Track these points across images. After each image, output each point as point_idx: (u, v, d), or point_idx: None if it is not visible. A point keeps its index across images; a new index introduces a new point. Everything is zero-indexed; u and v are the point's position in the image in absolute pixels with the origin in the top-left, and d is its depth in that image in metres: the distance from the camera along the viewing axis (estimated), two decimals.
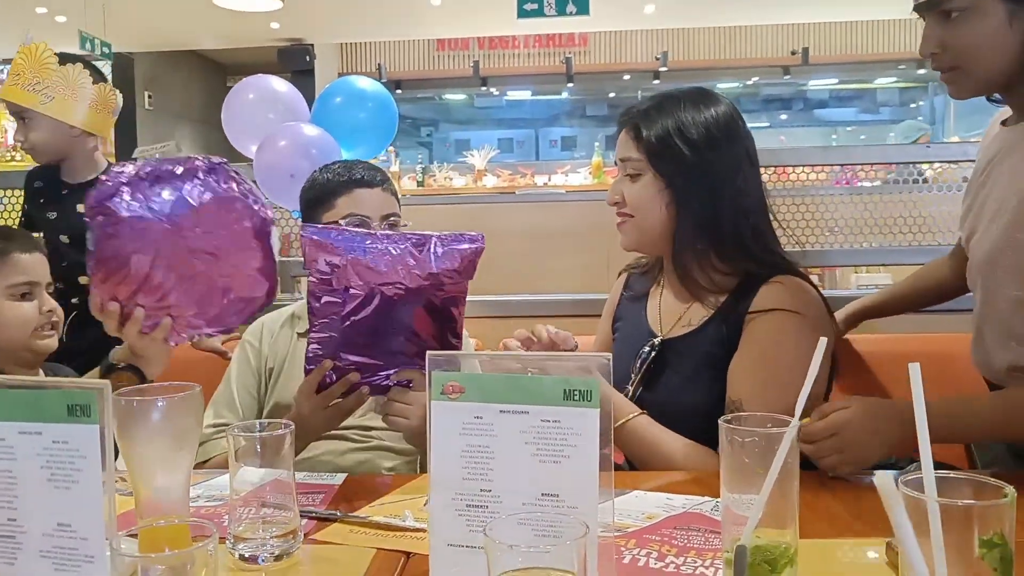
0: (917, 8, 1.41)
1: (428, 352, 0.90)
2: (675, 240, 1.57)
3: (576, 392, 0.86)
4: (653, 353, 1.60)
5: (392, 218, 1.77)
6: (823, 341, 0.96)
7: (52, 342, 1.79)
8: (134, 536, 0.86)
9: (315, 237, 1.35)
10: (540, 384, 0.87)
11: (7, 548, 0.80)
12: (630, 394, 1.59)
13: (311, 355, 1.41)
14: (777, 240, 1.61)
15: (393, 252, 1.34)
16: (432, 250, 1.35)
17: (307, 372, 1.43)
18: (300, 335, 1.82)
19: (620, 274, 1.87)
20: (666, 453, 1.46)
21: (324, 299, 1.36)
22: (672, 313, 1.64)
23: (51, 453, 0.78)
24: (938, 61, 1.40)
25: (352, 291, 1.35)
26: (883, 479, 0.60)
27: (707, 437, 1.45)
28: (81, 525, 0.77)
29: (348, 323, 1.37)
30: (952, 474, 0.76)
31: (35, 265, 1.78)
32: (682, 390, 1.56)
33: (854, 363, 2.02)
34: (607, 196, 1.63)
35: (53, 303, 1.81)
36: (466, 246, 1.36)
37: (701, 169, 1.53)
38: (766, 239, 1.58)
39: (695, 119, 1.54)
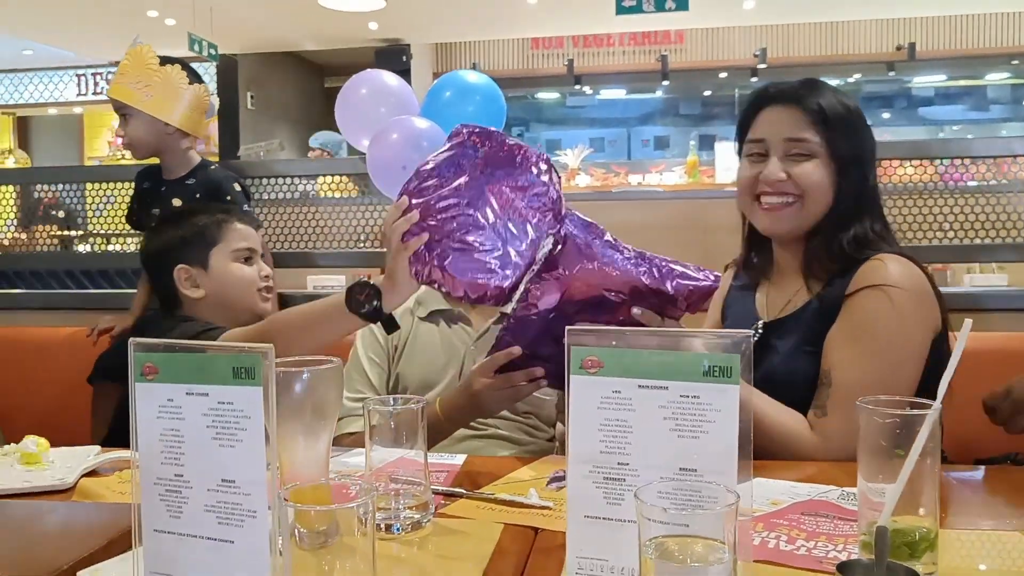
0: None
1: (567, 327, 0.91)
2: (826, 227, 1.57)
3: (716, 368, 0.86)
4: (757, 335, 1.61)
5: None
6: (967, 323, 0.94)
7: (269, 306, 1.95)
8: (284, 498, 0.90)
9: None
10: (680, 359, 0.88)
11: (174, 502, 0.84)
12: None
13: (502, 337, 1.45)
14: (890, 231, 1.63)
15: (631, 267, 1.37)
16: (670, 272, 1.36)
17: (493, 351, 1.47)
18: (421, 319, 1.89)
19: (727, 268, 1.86)
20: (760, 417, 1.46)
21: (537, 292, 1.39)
22: (779, 300, 1.66)
23: (217, 413, 0.82)
24: None
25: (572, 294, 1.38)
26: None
27: (801, 411, 1.49)
28: (244, 481, 0.81)
29: (552, 317, 1.39)
30: None
31: (254, 234, 1.97)
32: (781, 366, 1.57)
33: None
34: (765, 173, 1.57)
35: (270, 270, 1.98)
36: (702, 281, 1.37)
37: (864, 154, 1.57)
38: (884, 224, 1.61)
39: (849, 104, 1.57)
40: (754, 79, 10.50)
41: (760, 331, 1.63)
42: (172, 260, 1.92)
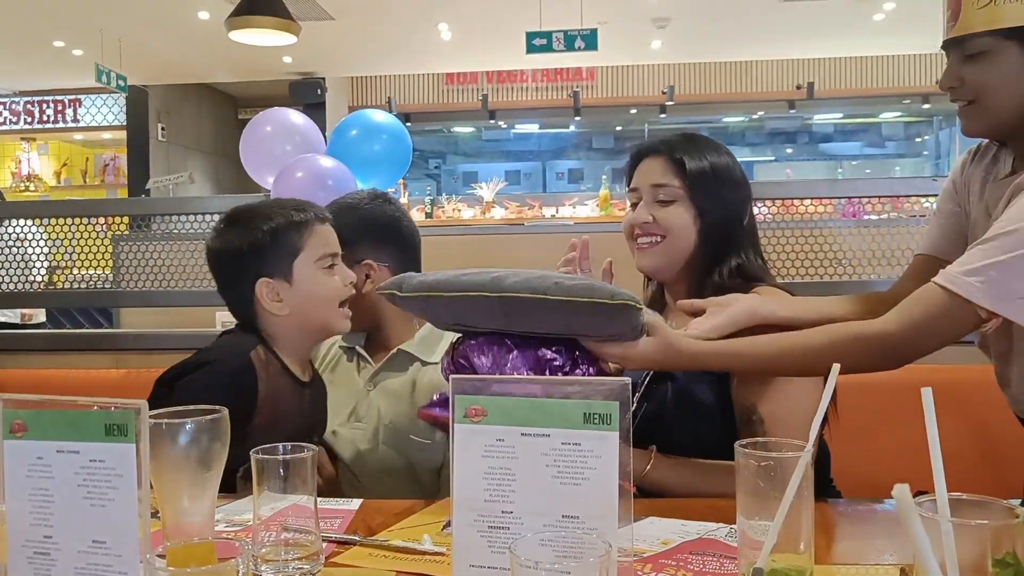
0: (944, 46, 1.53)
1: (452, 376, 0.92)
2: (693, 263, 1.68)
3: (596, 415, 0.88)
4: (647, 375, 1.67)
5: None
6: (836, 367, 0.98)
7: (348, 322, 1.71)
8: (162, 556, 0.88)
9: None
10: (561, 407, 0.89)
11: (43, 564, 0.82)
12: (631, 408, 1.65)
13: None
14: (766, 269, 1.75)
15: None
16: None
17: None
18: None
19: None
20: (693, 476, 1.54)
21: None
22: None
23: (88, 472, 0.80)
24: (956, 94, 1.52)
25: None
26: (900, 491, 0.62)
27: (705, 440, 1.55)
28: (115, 542, 0.79)
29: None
30: (965, 496, 0.78)
31: (333, 235, 1.70)
32: (679, 398, 1.62)
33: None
34: (633, 217, 1.70)
35: (351, 274, 1.71)
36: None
37: (728, 204, 1.68)
38: (759, 267, 1.72)
39: (718, 159, 1.70)
40: (663, 115, 10.79)
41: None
42: (250, 271, 1.64)
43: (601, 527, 0.87)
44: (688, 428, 1.59)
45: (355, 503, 1.42)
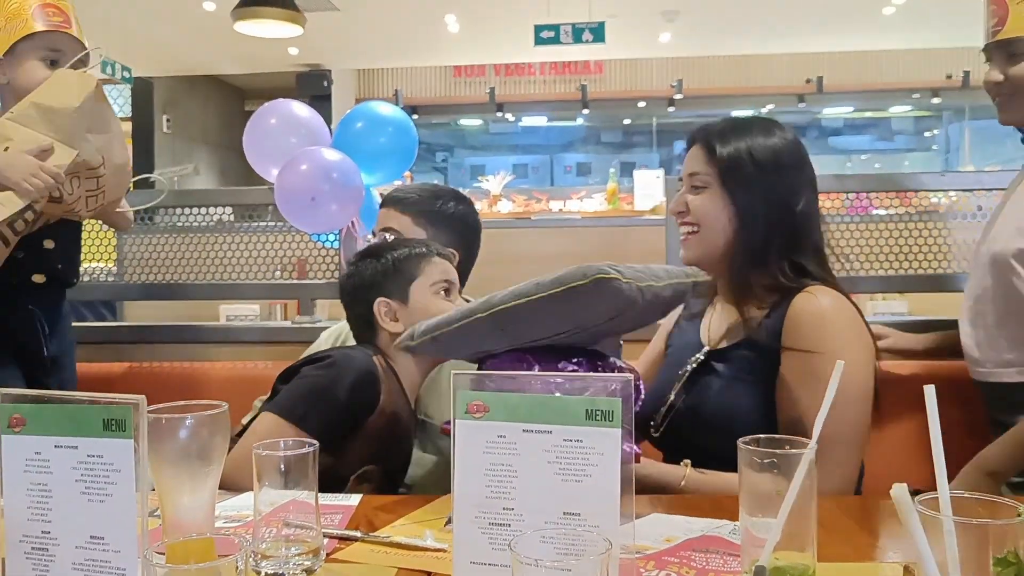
0: (986, 49, 1.74)
1: (453, 372, 0.91)
2: (733, 255, 1.64)
3: (598, 412, 0.87)
4: (698, 362, 1.66)
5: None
6: (839, 364, 0.97)
7: None
8: (161, 552, 0.87)
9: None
10: (563, 404, 0.88)
11: (40, 560, 0.81)
12: (670, 400, 1.65)
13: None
14: (827, 266, 1.67)
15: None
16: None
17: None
18: None
19: None
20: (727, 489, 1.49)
21: None
22: (721, 327, 1.70)
23: (86, 467, 0.80)
24: (998, 89, 1.73)
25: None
26: (899, 491, 0.61)
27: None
28: (114, 538, 0.79)
29: None
30: (967, 494, 0.77)
31: (451, 269, 1.86)
32: (718, 395, 1.61)
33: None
34: (670, 206, 1.69)
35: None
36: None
37: (764, 189, 1.61)
38: (822, 261, 1.66)
39: (765, 142, 1.63)
40: (671, 108, 10.76)
41: (702, 358, 1.67)
42: (372, 293, 1.81)
43: (603, 524, 0.87)
44: (724, 426, 1.55)
45: (355, 499, 1.42)
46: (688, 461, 1.54)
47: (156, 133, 9.93)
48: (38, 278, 2.03)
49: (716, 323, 1.73)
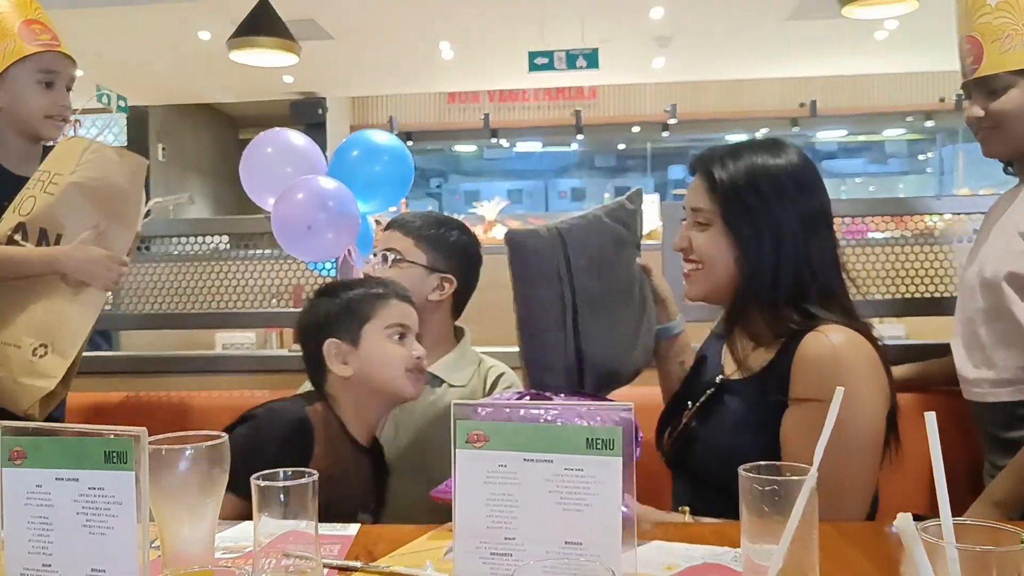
0: (965, 87, 1.80)
1: (453, 402, 0.92)
2: (736, 291, 1.55)
3: (599, 441, 0.87)
4: (711, 391, 1.60)
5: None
6: (839, 391, 0.97)
7: (419, 389, 1.76)
8: None
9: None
10: (563, 433, 0.88)
11: None
12: (681, 424, 1.61)
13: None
14: (846, 299, 1.55)
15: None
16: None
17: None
18: None
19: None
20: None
21: None
22: (740, 357, 1.60)
23: (87, 499, 0.80)
24: (979, 124, 1.77)
25: None
26: (904, 521, 0.61)
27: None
28: (115, 571, 0.79)
29: None
30: (970, 520, 0.77)
31: (409, 313, 1.79)
32: (730, 431, 1.55)
33: None
34: (674, 242, 1.63)
35: (423, 351, 1.78)
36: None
37: (769, 222, 1.50)
38: (832, 298, 1.53)
39: (768, 169, 1.52)
40: (665, 133, 10.83)
41: (715, 387, 1.62)
42: (323, 332, 1.76)
43: (604, 554, 0.86)
44: (729, 462, 1.48)
45: (353, 528, 1.41)
46: (687, 508, 1.49)
47: (151, 162, 9.92)
48: None
49: (736, 351, 1.64)
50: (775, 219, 1.50)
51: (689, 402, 1.64)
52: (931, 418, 0.78)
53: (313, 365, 1.77)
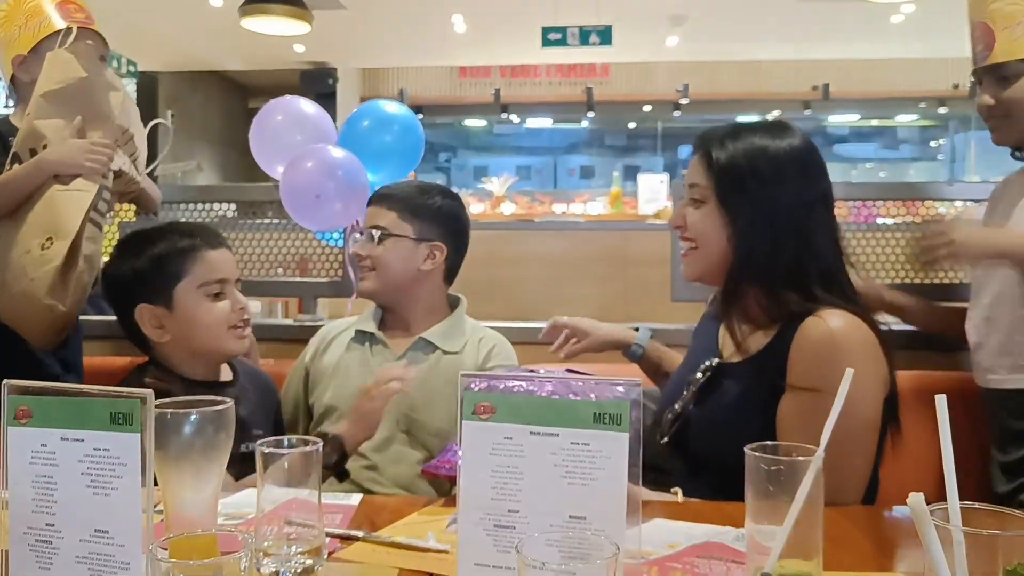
0: (975, 73, 1.80)
1: (460, 373, 0.91)
2: (729, 271, 1.53)
3: (607, 416, 0.87)
4: (708, 374, 1.58)
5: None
6: (849, 372, 0.97)
7: (245, 343, 1.71)
8: (164, 548, 0.87)
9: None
10: (571, 407, 0.88)
11: (44, 553, 0.81)
12: (679, 408, 1.59)
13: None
14: (846, 283, 1.54)
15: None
16: None
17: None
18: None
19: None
20: None
21: None
22: (736, 339, 1.59)
23: (92, 460, 0.79)
24: (990, 112, 1.78)
25: None
26: (916, 501, 0.61)
27: (736, 468, 1.43)
28: (119, 532, 0.78)
29: None
30: (977, 505, 0.76)
31: (225, 261, 1.70)
32: (727, 414, 1.54)
33: None
34: (671, 218, 1.62)
35: (244, 300, 1.71)
36: None
37: (765, 202, 1.49)
38: (833, 283, 1.51)
39: (767, 150, 1.50)
40: (677, 113, 10.76)
41: (712, 369, 1.59)
42: (133, 297, 1.65)
43: (609, 528, 0.86)
44: (729, 444, 1.47)
45: (355, 498, 1.41)
46: (678, 490, 1.46)
47: (160, 128, 9.92)
48: None
49: (734, 332, 1.61)
50: (771, 200, 1.49)
51: (688, 385, 1.61)
52: (941, 401, 0.78)
53: (130, 329, 1.68)
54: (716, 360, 1.61)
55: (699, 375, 1.59)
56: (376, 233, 1.94)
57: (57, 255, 1.78)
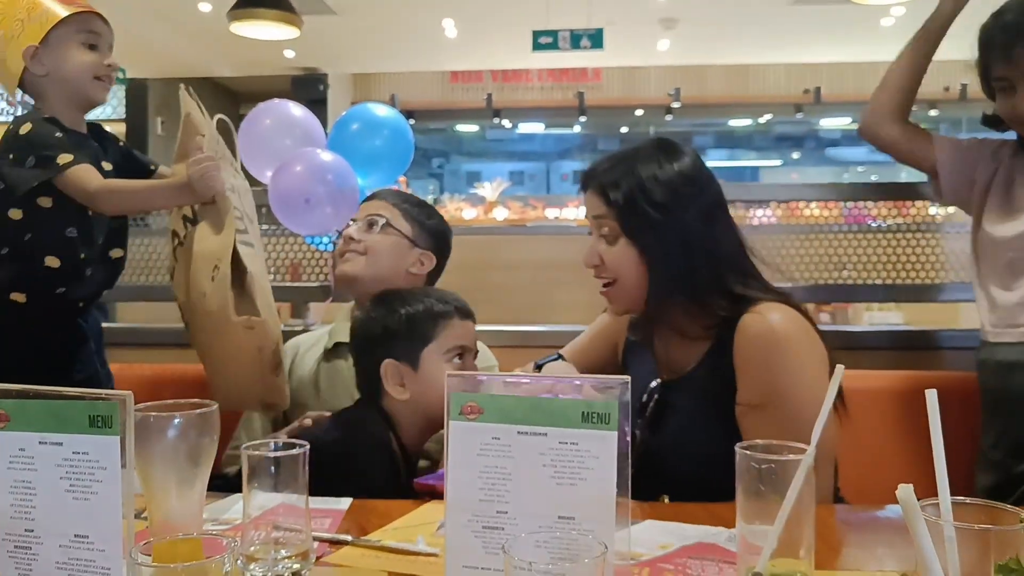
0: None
1: (447, 373, 0.90)
2: (649, 296, 1.53)
3: (595, 415, 0.86)
4: (655, 396, 1.59)
5: None
6: (840, 369, 0.96)
7: None
8: (147, 553, 0.86)
9: None
10: (559, 406, 0.87)
11: (23, 559, 0.80)
12: (637, 438, 1.56)
13: None
14: (759, 276, 1.57)
15: None
16: None
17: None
18: (327, 350, 1.96)
19: (605, 311, 1.82)
20: None
21: None
22: (673, 355, 1.61)
23: (71, 464, 0.78)
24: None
25: None
26: (905, 493, 0.60)
27: (716, 476, 1.43)
28: (98, 537, 0.77)
29: None
30: (968, 500, 0.76)
31: (471, 331, 1.72)
32: (684, 432, 1.54)
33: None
34: (584, 258, 1.58)
35: (474, 364, 1.72)
36: None
37: (671, 228, 1.50)
38: (750, 277, 1.55)
39: (658, 179, 1.51)
40: (669, 117, 10.77)
41: (657, 392, 1.60)
42: (381, 350, 1.66)
43: (598, 529, 0.85)
44: (691, 459, 1.50)
45: (345, 502, 1.40)
46: (666, 497, 1.46)
47: (150, 136, 9.89)
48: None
49: (669, 352, 1.63)
50: (677, 224, 1.50)
51: (637, 413, 1.59)
52: (932, 395, 0.77)
53: (368, 380, 1.69)
54: (658, 381, 1.61)
55: (644, 398, 1.59)
56: (380, 220, 1.94)
57: (225, 275, 1.75)
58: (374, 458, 1.22)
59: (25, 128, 1.81)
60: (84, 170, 1.76)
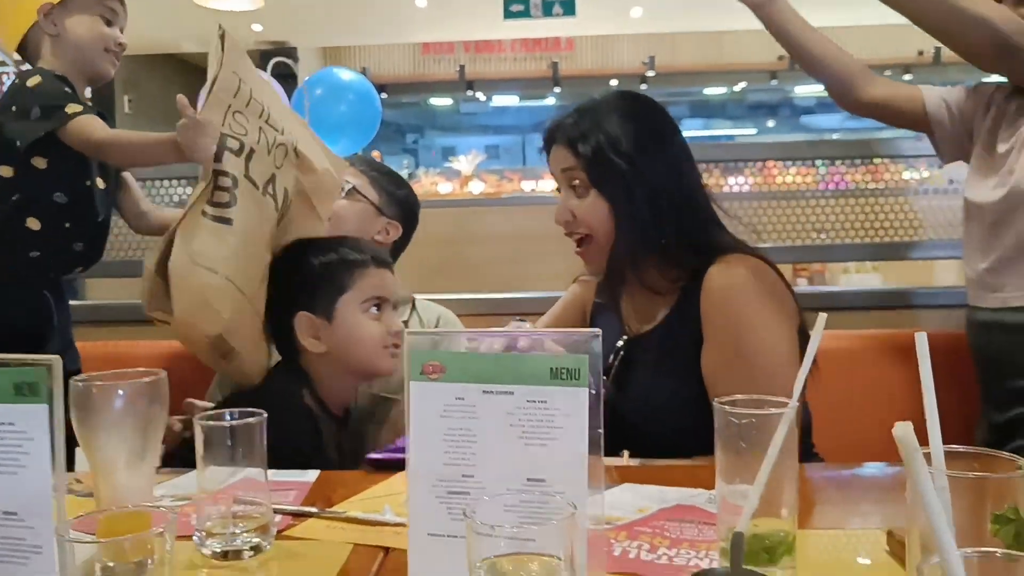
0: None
1: (406, 331, 0.85)
2: (616, 250, 1.51)
3: (564, 371, 0.81)
4: (621, 353, 1.58)
5: None
6: (822, 317, 0.91)
7: (395, 364, 1.61)
8: (90, 532, 0.80)
9: None
10: (526, 363, 0.82)
11: None
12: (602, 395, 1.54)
13: None
14: (724, 227, 1.56)
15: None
16: None
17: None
18: None
19: (575, 280, 1.81)
20: None
21: None
22: (639, 312, 1.61)
23: None
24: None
25: None
26: (903, 431, 0.55)
27: (681, 431, 1.41)
28: (28, 513, 0.71)
29: None
30: (962, 448, 0.71)
31: (389, 281, 1.66)
32: (651, 386, 1.53)
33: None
34: (556, 215, 1.55)
35: (400, 324, 1.67)
36: None
37: (638, 180, 1.48)
38: (717, 229, 1.55)
39: (625, 129, 1.50)
40: (643, 86, 10.68)
41: (623, 348, 1.59)
42: (295, 304, 1.60)
43: (569, 490, 0.80)
44: (658, 415, 1.50)
45: (311, 475, 1.34)
46: (625, 452, 1.43)
47: (118, 114, 9.70)
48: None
49: (636, 309, 1.62)
50: (644, 175, 1.49)
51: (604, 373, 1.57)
52: (922, 338, 0.72)
53: (282, 336, 1.63)
54: (625, 338, 1.60)
55: (611, 359, 1.58)
56: (347, 186, 1.89)
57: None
58: (284, 418, 1.16)
59: (34, 80, 1.75)
60: (91, 119, 1.71)
